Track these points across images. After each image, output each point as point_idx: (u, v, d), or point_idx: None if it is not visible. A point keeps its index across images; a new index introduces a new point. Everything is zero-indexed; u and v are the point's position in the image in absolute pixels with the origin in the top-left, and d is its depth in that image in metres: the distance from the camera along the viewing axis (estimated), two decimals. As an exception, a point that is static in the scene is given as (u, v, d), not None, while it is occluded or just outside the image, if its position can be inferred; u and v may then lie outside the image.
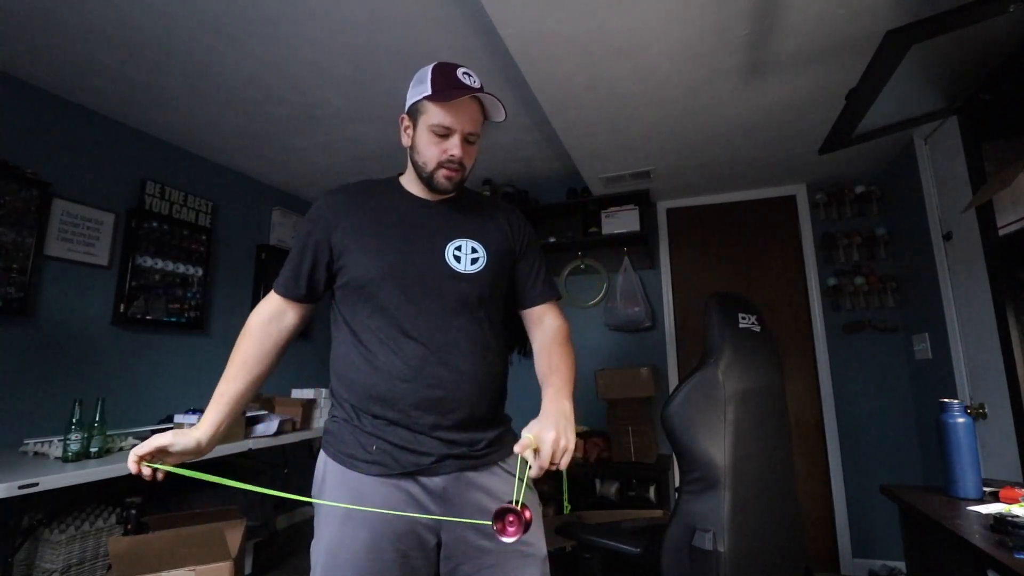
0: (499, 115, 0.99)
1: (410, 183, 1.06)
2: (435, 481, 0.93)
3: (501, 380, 1.05)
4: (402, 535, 0.89)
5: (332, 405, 1.02)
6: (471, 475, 0.95)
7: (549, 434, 0.79)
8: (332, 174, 3.27)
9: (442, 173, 0.98)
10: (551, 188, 3.38)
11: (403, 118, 1.02)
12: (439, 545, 0.94)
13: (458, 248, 1.01)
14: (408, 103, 1.00)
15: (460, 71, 0.96)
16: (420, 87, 0.96)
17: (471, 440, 0.96)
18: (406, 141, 1.02)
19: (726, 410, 1.17)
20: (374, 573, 0.87)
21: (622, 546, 1.28)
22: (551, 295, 1.13)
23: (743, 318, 1.29)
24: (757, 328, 1.31)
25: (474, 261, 1.02)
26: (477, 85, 0.96)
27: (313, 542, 0.94)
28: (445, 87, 0.93)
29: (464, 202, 1.09)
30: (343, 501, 0.90)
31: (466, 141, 0.98)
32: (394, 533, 0.89)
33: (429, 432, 0.93)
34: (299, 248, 1.03)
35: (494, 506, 0.79)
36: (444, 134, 0.96)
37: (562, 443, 0.80)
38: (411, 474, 0.92)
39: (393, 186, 1.07)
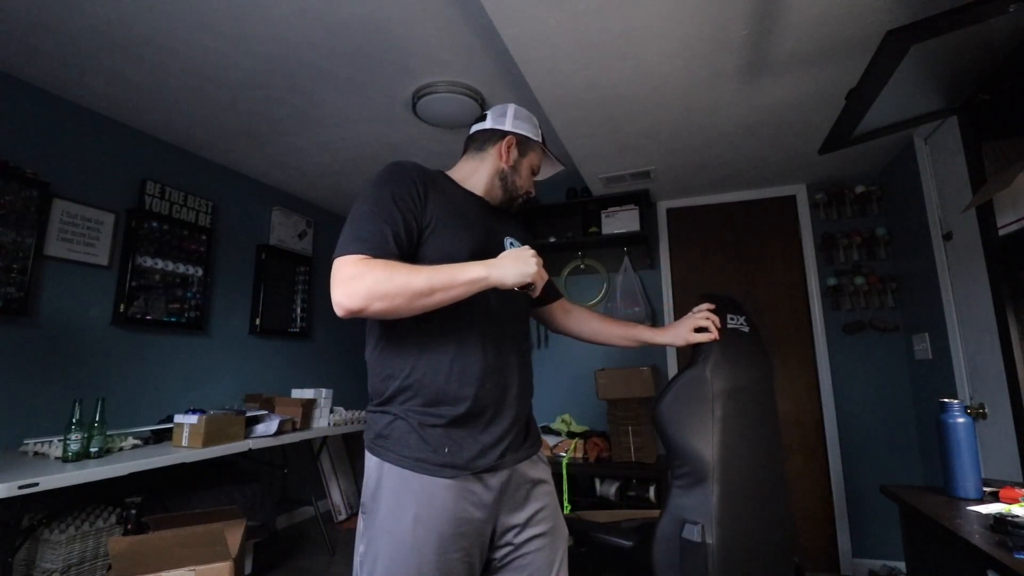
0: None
1: (468, 182, 1.12)
2: (498, 477, 0.95)
3: None
4: (467, 534, 0.91)
5: (376, 406, 0.97)
6: (522, 467, 1.01)
7: None
8: (332, 174, 3.26)
9: (522, 200, 1.20)
10: (551, 188, 3.37)
11: (511, 140, 1.14)
12: (493, 534, 0.97)
13: (511, 243, 1.10)
14: (516, 130, 1.15)
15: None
16: (531, 128, 1.17)
17: (521, 433, 1.03)
18: (505, 159, 1.13)
19: (714, 407, 1.19)
20: (442, 574, 0.88)
21: (614, 539, 1.31)
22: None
23: (731, 319, 1.31)
24: (746, 328, 1.33)
25: None
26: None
27: (364, 550, 0.91)
28: (548, 148, 1.22)
29: (501, 210, 1.20)
30: (410, 506, 0.89)
31: None
32: (460, 534, 0.90)
33: (497, 429, 0.96)
34: (385, 208, 0.91)
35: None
36: (535, 175, 1.22)
37: None
38: (478, 473, 0.93)
39: (448, 179, 1.11)
